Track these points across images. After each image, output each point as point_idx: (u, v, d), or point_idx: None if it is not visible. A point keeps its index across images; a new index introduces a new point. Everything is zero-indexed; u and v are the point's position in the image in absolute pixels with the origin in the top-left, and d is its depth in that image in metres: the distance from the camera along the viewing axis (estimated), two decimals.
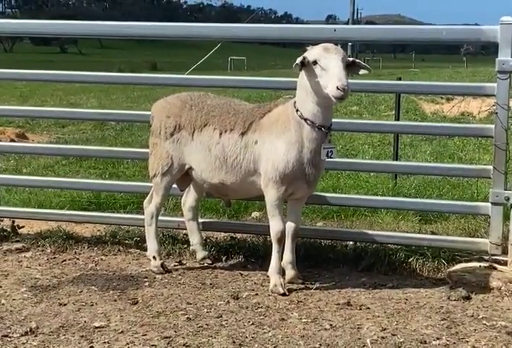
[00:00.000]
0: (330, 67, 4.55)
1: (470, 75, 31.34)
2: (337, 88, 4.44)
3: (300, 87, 4.84)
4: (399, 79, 9.83)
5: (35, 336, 4.18)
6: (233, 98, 5.57)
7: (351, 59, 4.77)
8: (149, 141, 5.58)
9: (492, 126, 5.35)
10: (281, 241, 5.06)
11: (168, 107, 5.43)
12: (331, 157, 4.91)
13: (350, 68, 4.76)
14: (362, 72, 4.85)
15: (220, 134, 5.14)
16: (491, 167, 5.39)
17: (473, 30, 5.58)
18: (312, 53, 4.68)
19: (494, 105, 5.36)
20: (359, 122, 7.21)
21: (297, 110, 4.84)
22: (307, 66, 4.69)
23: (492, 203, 5.36)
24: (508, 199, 5.28)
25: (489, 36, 5.30)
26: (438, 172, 6.30)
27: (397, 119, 9.53)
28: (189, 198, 5.73)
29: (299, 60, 4.67)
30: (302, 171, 4.90)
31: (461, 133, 7.22)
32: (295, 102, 4.90)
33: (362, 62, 4.82)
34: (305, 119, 4.81)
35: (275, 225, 5.04)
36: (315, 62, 4.63)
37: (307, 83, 4.73)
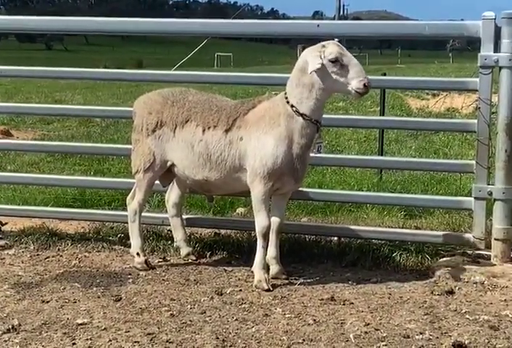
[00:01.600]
0: (351, 64, 4.67)
1: (456, 71, 31.34)
2: (363, 85, 4.60)
3: (302, 84, 4.83)
4: (384, 74, 9.83)
5: (18, 333, 4.15)
6: (215, 94, 5.54)
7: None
8: (131, 138, 5.56)
9: (475, 121, 5.36)
10: (266, 236, 5.05)
11: (150, 103, 5.41)
12: (320, 152, 4.99)
13: None
14: None
15: (203, 131, 5.13)
16: (474, 162, 5.40)
17: (456, 25, 5.61)
18: (329, 51, 4.70)
19: (477, 100, 5.37)
20: (345, 117, 7.23)
21: (292, 106, 4.84)
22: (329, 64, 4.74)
23: (475, 198, 5.37)
24: (490, 193, 5.29)
25: (471, 31, 5.31)
26: (422, 167, 6.33)
27: (382, 114, 9.54)
28: (173, 194, 5.71)
29: (319, 64, 4.66)
30: (291, 166, 4.91)
31: (445, 128, 7.24)
32: (286, 98, 4.89)
33: None
34: (301, 114, 4.82)
35: (260, 221, 5.03)
36: (335, 60, 4.67)
37: (318, 80, 4.75)
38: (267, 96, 5.18)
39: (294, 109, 4.84)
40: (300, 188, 5.54)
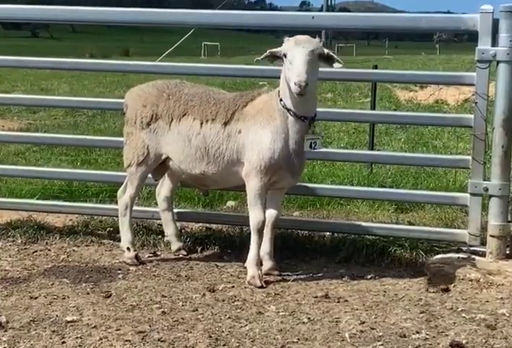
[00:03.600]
0: (293, 61, 4.54)
1: (443, 63, 31.43)
2: (294, 84, 4.43)
3: (282, 78, 4.76)
4: (376, 67, 9.76)
5: (5, 330, 4.05)
6: (211, 87, 5.45)
7: (326, 51, 4.69)
8: (123, 130, 5.45)
9: (472, 116, 5.28)
10: (261, 231, 4.97)
11: (144, 96, 5.30)
12: (314, 148, 4.86)
13: (327, 61, 4.73)
14: (336, 65, 4.78)
15: (201, 124, 5.04)
16: (469, 158, 5.33)
17: (453, 18, 5.52)
18: (284, 45, 4.66)
19: (473, 95, 5.29)
20: (339, 111, 7.13)
21: (281, 100, 4.76)
22: (282, 58, 4.67)
23: (470, 194, 5.30)
24: (486, 189, 5.22)
25: (468, 25, 5.22)
26: (416, 162, 6.27)
27: (373, 108, 9.46)
28: (164, 188, 5.62)
29: (263, 56, 4.74)
30: (287, 161, 4.83)
31: (440, 123, 7.14)
32: (279, 92, 4.82)
33: (335, 56, 4.73)
34: (288, 110, 4.74)
35: (256, 216, 4.94)
36: (285, 55, 4.61)
37: (283, 73, 4.71)
38: (266, 89, 5.11)
39: (282, 103, 4.77)
40: None
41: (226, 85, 18.60)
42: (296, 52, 4.53)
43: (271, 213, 5.08)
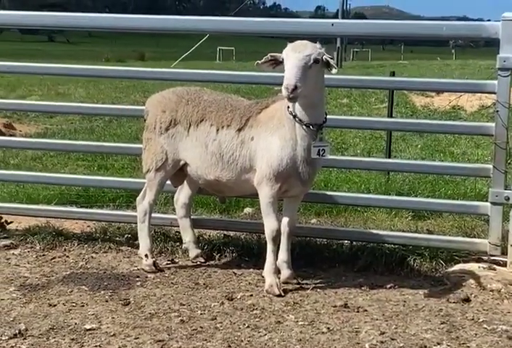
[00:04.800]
0: (286, 66, 4.53)
1: (459, 68, 31.25)
2: (284, 88, 4.41)
3: None
4: (393, 74, 9.69)
5: (24, 338, 4.05)
6: (230, 94, 5.43)
7: (324, 57, 4.61)
8: (142, 136, 5.45)
9: (493, 124, 5.24)
10: (277, 240, 4.95)
11: (164, 102, 5.31)
12: (323, 156, 4.78)
13: (327, 66, 4.67)
14: (333, 71, 4.71)
15: (217, 130, 5.03)
16: (490, 166, 5.29)
17: (475, 25, 5.46)
18: (284, 50, 4.64)
19: (494, 104, 5.25)
20: (359, 119, 7.07)
21: (288, 107, 4.74)
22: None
23: (491, 203, 5.26)
24: (508, 198, 5.18)
25: (490, 32, 5.19)
26: (436, 170, 6.21)
27: (390, 115, 9.40)
28: (182, 195, 5.61)
29: (263, 60, 4.72)
30: (296, 169, 4.79)
31: (461, 131, 7.05)
32: None
33: (331, 61, 4.66)
34: (294, 117, 4.71)
35: (270, 224, 4.92)
36: (282, 61, 4.62)
37: None
38: (281, 96, 5.05)
39: (289, 110, 4.74)
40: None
41: (242, 91, 18.59)
42: (289, 56, 4.53)
43: (287, 222, 5.06)
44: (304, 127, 4.70)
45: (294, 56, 4.50)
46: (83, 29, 6.61)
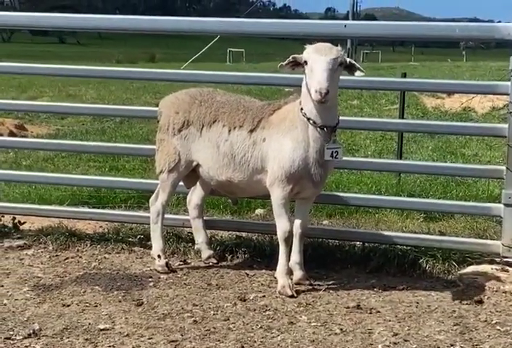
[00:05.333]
0: (314, 69, 4.49)
1: (470, 70, 31.11)
2: (315, 91, 4.38)
3: (303, 86, 4.73)
4: (405, 75, 9.67)
5: (39, 338, 4.08)
6: (243, 95, 5.43)
7: (348, 60, 4.65)
8: (155, 137, 5.47)
9: (505, 125, 5.24)
10: (289, 241, 4.96)
11: (177, 103, 5.32)
12: (336, 158, 4.77)
13: (349, 69, 4.69)
14: (357, 73, 4.72)
15: (229, 131, 5.04)
16: (504, 168, 5.28)
17: (487, 27, 5.45)
18: (305, 53, 4.61)
19: (507, 105, 5.25)
20: (372, 120, 7.06)
21: (302, 109, 4.73)
22: (303, 65, 4.62)
23: (504, 204, 5.25)
24: None
25: (503, 34, 5.19)
26: (448, 172, 6.19)
27: (402, 116, 9.39)
28: (195, 196, 5.63)
29: (286, 62, 4.67)
30: (308, 170, 4.79)
31: (473, 133, 7.01)
32: (301, 101, 4.79)
33: (357, 64, 4.70)
34: (308, 119, 4.70)
35: (281, 225, 4.93)
36: (306, 62, 4.57)
37: (304, 81, 4.68)
38: (293, 97, 5.05)
39: (303, 112, 4.73)
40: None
41: (252, 92, 18.59)
42: (317, 60, 4.48)
43: (299, 223, 5.06)
44: (318, 129, 4.69)
45: (322, 59, 4.47)
46: (93, 30, 6.65)
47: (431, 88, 6.39)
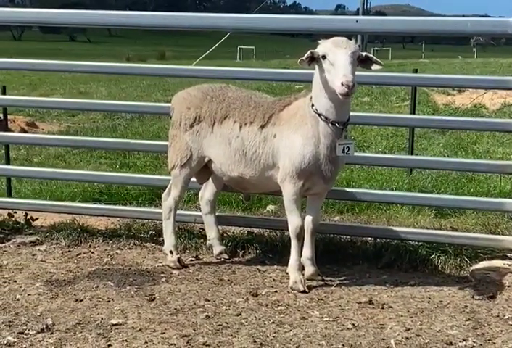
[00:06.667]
0: (337, 62, 4.45)
1: (481, 66, 31.06)
2: (342, 84, 4.34)
3: (315, 81, 4.71)
4: (416, 71, 9.65)
5: (52, 333, 4.10)
6: (254, 91, 5.43)
7: (364, 53, 4.64)
8: (168, 133, 5.48)
9: None
10: (300, 236, 4.96)
11: (189, 99, 5.33)
12: (347, 153, 4.76)
13: (364, 63, 4.67)
14: (374, 67, 4.70)
15: (240, 127, 5.04)
16: None
17: (500, 22, 5.41)
18: (321, 47, 4.58)
19: None
20: (387, 116, 7.05)
21: (313, 105, 4.73)
22: (318, 60, 4.58)
23: None
24: None
25: None
26: (462, 167, 6.17)
27: (413, 112, 9.38)
28: (207, 192, 5.63)
29: (305, 56, 4.59)
30: (319, 166, 4.78)
31: (485, 128, 6.99)
32: (312, 97, 4.78)
33: (374, 57, 4.68)
34: (319, 115, 4.69)
35: (293, 221, 4.93)
36: (324, 57, 4.53)
37: (318, 76, 4.64)
38: (304, 93, 5.04)
39: (314, 108, 4.72)
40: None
41: (262, 89, 18.59)
42: (338, 53, 4.45)
43: (310, 219, 5.06)
44: (329, 125, 4.69)
45: (344, 52, 4.44)
46: (104, 26, 6.65)
47: (443, 83, 6.35)
